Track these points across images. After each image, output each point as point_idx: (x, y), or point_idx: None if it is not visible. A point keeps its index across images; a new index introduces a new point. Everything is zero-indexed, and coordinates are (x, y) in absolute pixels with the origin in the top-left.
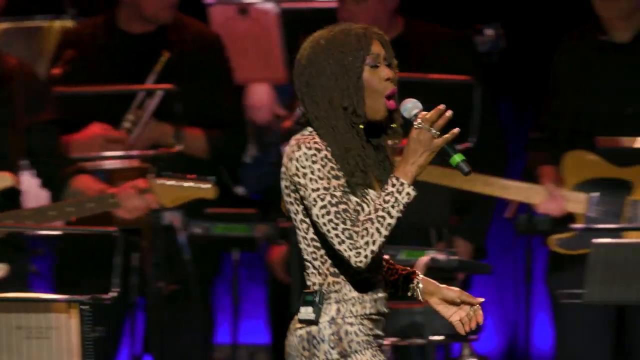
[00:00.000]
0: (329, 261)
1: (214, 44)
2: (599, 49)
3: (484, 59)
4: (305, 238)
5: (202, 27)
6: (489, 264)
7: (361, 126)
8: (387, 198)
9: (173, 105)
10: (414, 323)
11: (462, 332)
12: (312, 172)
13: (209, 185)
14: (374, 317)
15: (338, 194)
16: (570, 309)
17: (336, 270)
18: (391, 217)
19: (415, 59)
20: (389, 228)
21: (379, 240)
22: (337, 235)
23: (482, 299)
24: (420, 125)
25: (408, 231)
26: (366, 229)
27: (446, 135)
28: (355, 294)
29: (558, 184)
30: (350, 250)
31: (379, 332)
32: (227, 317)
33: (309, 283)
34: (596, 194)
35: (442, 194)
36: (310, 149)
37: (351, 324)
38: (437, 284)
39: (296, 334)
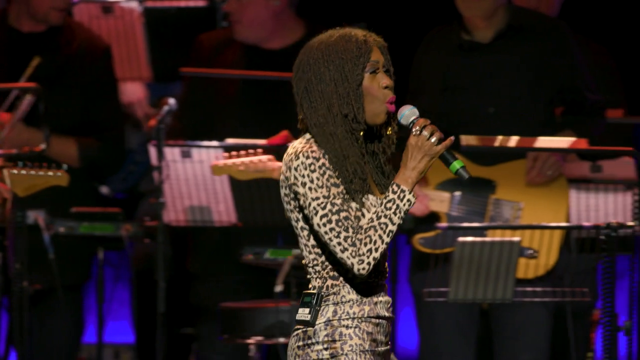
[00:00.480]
0: (330, 266)
1: (101, 52)
2: (461, 48)
3: None
4: (306, 245)
5: (91, 35)
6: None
7: (361, 133)
8: (388, 205)
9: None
10: (280, 322)
11: None
12: (312, 181)
13: (60, 173)
14: (373, 320)
15: (338, 201)
16: (435, 308)
17: (336, 274)
18: (393, 224)
19: None
20: (391, 235)
21: (381, 247)
22: (339, 244)
23: None
24: (418, 132)
25: (274, 231)
26: (369, 236)
27: (445, 142)
28: (353, 296)
29: (421, 183)
30: (353, 257)
31: (380, 337)
32: (93, 317)
33: (310, 287)
34: (459, 193)
35: None
36: (308, 157)
37: (347, 327)
38: None
39: (293, 335)
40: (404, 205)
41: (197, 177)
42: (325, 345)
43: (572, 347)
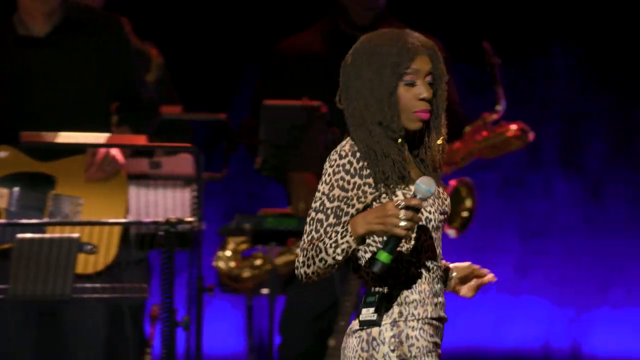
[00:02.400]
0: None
1: None
2: (17, 43)
3: None
4: (366, 243)
5: None
6: None
7: (399, 140)
8: (333, 235)
9: None
10: None
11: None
12: (325, 174)
13: None
14: (434, 322)
15: (328, 204)
16: None
17: (397, 273)
18: (327, 254)
19: None
20: (324, 263)
21: (313, 267)
22: (302, 241)
23: (493, 278)
24: (400, 205)
25: None
26: (308, 249)
27: (406, 234)
28: (416, 296)
29: None
30: (297, 260)
31: (438, 340)
32: None
33: (371, 287)
34: (17, 189)
35: None
36: (336, 153)
37: (412, 328)
38: (455, 266)
39: (355, 336)
40: (342, 244)
41: None
42: (392, 347)
43: (129, 343)
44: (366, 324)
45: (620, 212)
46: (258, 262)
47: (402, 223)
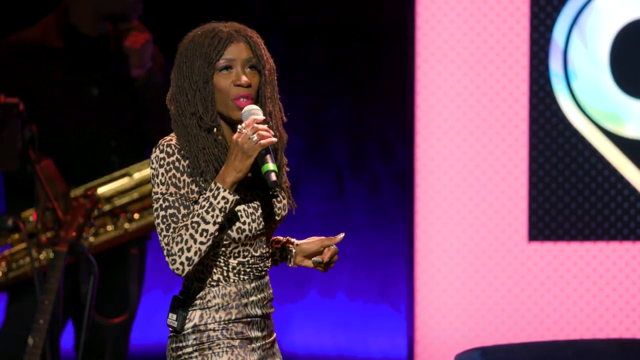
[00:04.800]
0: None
1: None
2: None
3: None
4: None
5: None
6: None
7: (215, 130)
8: (203, 203)
9: None
10: None
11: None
12: (157, 176)
13: None
14: (243, 320)
15: (171, 199)
16: None
17: (200, 276)
18: (206, 222)
19: None
20: (206, 234)
21: (195, 247)
22: (161, 240)
23: (342, 234)
24: (242, 129)
25: None
26: (180, 235)
27: (262, 141)
28: (219, 300)
29: None
30: (168, 256)
31: (254, 334)
32: None
33: (182, 288)
34: None
35: None
36: (162, 152)
37: (214, 329)
38: (302, 242)
39: (169, 336)
40: (219, 203)
41: None
42: (194, 348)
43: None
44: (171, 329)
45: (309, 209)
46: None
47: (254, 138)
